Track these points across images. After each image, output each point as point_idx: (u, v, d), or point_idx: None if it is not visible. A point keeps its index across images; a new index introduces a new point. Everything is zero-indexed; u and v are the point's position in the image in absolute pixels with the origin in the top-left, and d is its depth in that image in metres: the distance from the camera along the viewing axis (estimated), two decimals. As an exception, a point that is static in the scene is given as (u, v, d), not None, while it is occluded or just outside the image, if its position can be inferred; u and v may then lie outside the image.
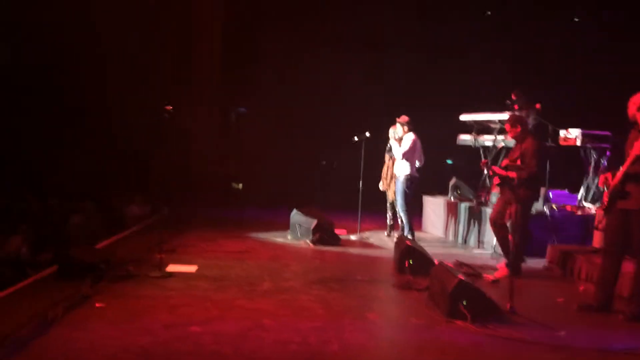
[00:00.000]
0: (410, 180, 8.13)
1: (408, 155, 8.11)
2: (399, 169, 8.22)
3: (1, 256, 6.18)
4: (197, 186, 11.87)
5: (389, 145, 8.57)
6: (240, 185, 14.20)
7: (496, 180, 6.58)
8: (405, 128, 8.25)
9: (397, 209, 8.43)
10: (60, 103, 10.78)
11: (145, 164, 10.69)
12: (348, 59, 12.81)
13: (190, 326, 4.23)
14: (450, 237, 9.05)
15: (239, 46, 13.39)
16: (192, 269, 6.11)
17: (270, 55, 13.20)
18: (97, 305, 4.66)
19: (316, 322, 4.50)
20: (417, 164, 8.24)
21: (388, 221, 8.94)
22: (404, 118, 8.30)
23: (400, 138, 8.23)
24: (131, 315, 4.44)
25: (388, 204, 8.91)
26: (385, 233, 8.93)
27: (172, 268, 6.02)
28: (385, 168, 8.87)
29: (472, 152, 9.52)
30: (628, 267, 5.09)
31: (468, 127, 9.35)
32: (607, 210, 5.13)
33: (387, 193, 8.81)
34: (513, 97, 8.54)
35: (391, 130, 8.49)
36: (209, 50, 13.32)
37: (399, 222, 8.45)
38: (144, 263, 6.17)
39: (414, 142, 8.15)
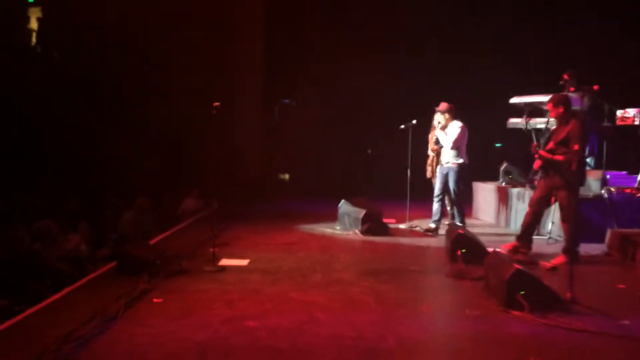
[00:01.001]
0: (461, 168, 7.96)
1: (458, 144, 7.92)
2: (448, 157, 8.02)
3: (61, 253, 6.41)
4: (246, 179, 12.01)
5: (434, 135, 8.38)
6: (287, 176, 14.30)
7: (537, 164, 6.33)
8: (447, 116, 8.01)
9: (447, 198, 8.28)
10: (110, 101, 11.10)
11: (197, 159, 10.88)
12: (392, 45, 12.67)
13: (246, 320, 4.28)
14: (502, 223, 8.86)
15: (282, 37, 13.41)
16: (244, 262, 6.19)
17: (313, 46, 13.18)
18: (155, 300, 4.77)
19: (370, 315, 4.48)
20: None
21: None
22: (443, 105, 8.05)
23: (445, 126, 8.01)
24: (189, 310, 4.53)
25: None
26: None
27: (224, 262, 6.12)
28: (431, 156, 8.71)
29: (524, 135, 9.27)
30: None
31: (519, 111, 9.10)
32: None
33: (432, 181, 8.67)
34: (565, 77, 8.25)
35: (436, 118, 8.34)
36: (252, 43, 13.39)
37: (448, 210, 8.32)
38: (197, 257, 6.30)
39: (462, 130, 7.93)
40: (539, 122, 8.67)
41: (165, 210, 9.93)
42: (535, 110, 8.85)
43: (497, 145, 11.38)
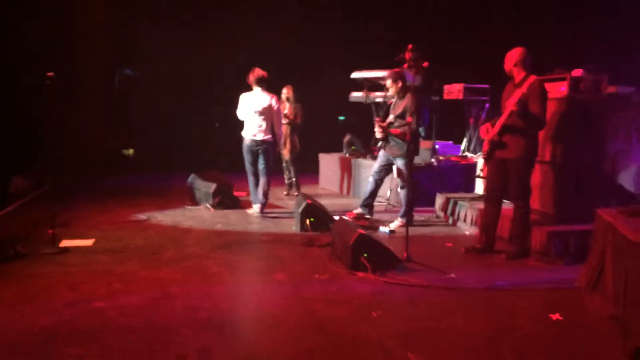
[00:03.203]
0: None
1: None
2: None
3: None
4: (86, 155, 11.26)
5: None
6: (132, 151, 13.67)
7: (381, 136, 6.78)
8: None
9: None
10: None
11: (30, 134, 9.94)
12: (233, 19, 12.55)
13: (94, 302, 4.12)
14: (346, 192, 9.38)
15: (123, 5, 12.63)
16: (88, 242, 5.89)
17: (158, 16, 12.61)
18: (-13, 289, 4.39)
19: (225, 286, 4.56)
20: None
21: (286, 180, 9.12)
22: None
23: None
24: (28, 295, 4.24)
25: (284, 164, 9.05)
26: (285, 192, 9.10)
27: (66, 243, 5.77)
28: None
29: (365, 108, 9.84)
30: (507, 211, 5.59)
31: (360, 85, 9.61)
32: (487, 159, 5.58)
33: (281, 153, 8.90)
34: (409, 47, 8.82)
35: (284, 92, 8.56)
36: (91, 9, 12.41)
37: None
38: (34, 240, 5.86)
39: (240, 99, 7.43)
40: (378, 96, 9.26)
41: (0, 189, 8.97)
42: (374, 85, 9.42)
43: (341, 118, 11.93)
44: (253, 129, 7.30)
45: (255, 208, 7.52)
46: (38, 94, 5.83)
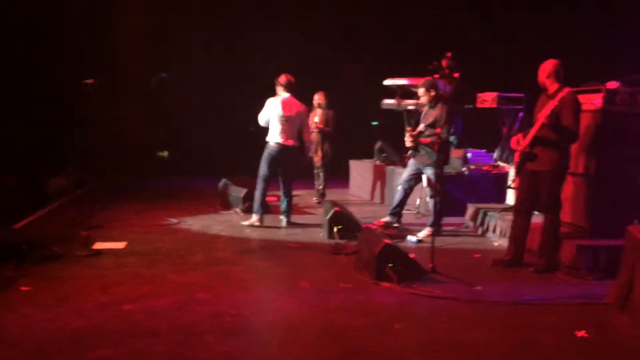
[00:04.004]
0: (270, 147, 7.13)
1: (267, 119, 7.14)
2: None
3: None
4: (123, 156, 11.55)
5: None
6: (166, 153, 13.94)
7: (411, 145, 6.76)
8: (280, 88, 7.20)
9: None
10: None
11: (71, 135, 10.27)
12: (271, 26, 12.67)
13: (123, 305, 4.23)
14: (377, 200, 9.37)
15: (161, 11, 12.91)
16: (120, 245, 6.05)
17: (196, 21, 12.85)
18: (22, 288, 4.56)
19: (250, 292, 4.63)
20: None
21: (317, 187, 9.15)
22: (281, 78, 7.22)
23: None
24: (61, 297, 4.39)
25: (315, 171, 9.10)
26: (315, 200, 9.13)
27: (99, 245, 5.95)
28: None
29: (397, 115, 9.83)
30: (537, 223, 5.51)
31: (392, 92, 9.61)
32: (518, 171, 5.51)
33: (313, 160, 8.95)
34: (448, 55, 8.79)
35: (315, 98, 8.62)
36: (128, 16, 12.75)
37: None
38: (70, 241, 6.05)
39: (269, 104, 7.14)
40: (410, 104, 9.23)
41: (40, 189, 9.29)
42: (406, 92, 9.40)
43: (374, 122, 11.92)
44: (280, 134, 7.10)
45: (254, 219, 7.15)
46: (80, 96, 6.00)
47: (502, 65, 11.09)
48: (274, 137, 7.11)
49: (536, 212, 5.57)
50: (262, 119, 7.18)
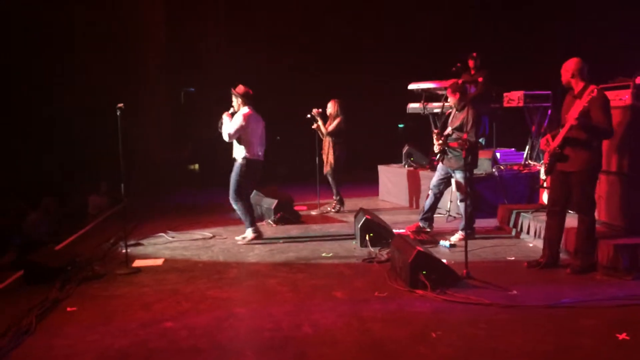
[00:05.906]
0: (247, 164, 6.89)
1: (239, 135, 6.81)
2: (235, 151, 7.02)
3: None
4: (156, 171, 11.81)
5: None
6: (197, 166, 14.17)
7: (439, 148, 6.74)
8: (239, 100, 6.92)
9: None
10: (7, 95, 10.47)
11: (103, 154, 10.57)
12: (288, 36, 12.81)
13: (165, 322, 4.35)
14: (408, 204, 9.35)
15: (183, 28, 13.19)
16: (159, 261, 6.20)
17: (216, 35, 13.08)
18: (68, 309, 4.72)
19: (286, 305, 4.70)
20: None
21: (335, 196, 8.98)
22: (239, 88, 6.96)
23: (234, 113, 6.92)
24: (105, 316, 4.53)
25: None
26: (332, 209, 8.91)
27: (138, 263, 6.10)
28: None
29: (424, 119, 9.83)
30: (572, 224, 5.46)
31: (417, 96, 9.61)
32: (548, 171, 5.47)
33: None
34: (474, 54, 8.76)
35: (329, 107, 8.63)
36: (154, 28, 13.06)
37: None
38: (110, 260, 6.24)
39: (245, 118, 6.79)
40: (435, 107, 9.22)
41: (73, 209, 9.58)
42: (431, 96, 9.39)
43: (400, 125, 11.91)
44: (259, 149, 6.93)
45: (248, 233, 6.98)
46: (112, 115, 6.12)
47: (529, 62, 10.98)
48: (254, 153, 6.89)
49: (571, 212, 5.52)
50: (232, 134, 6.76)
